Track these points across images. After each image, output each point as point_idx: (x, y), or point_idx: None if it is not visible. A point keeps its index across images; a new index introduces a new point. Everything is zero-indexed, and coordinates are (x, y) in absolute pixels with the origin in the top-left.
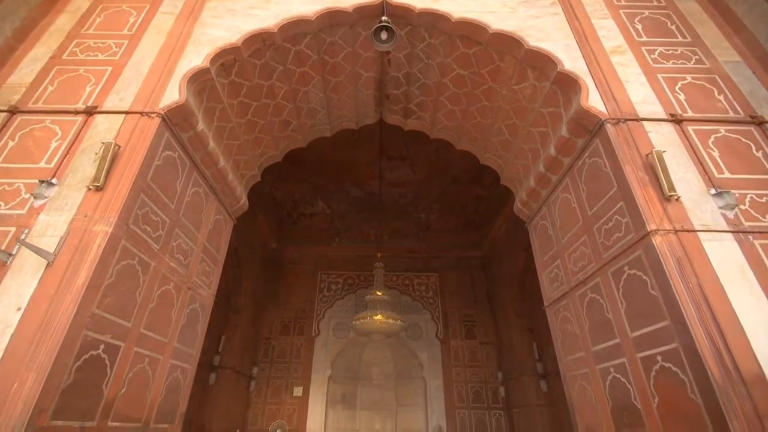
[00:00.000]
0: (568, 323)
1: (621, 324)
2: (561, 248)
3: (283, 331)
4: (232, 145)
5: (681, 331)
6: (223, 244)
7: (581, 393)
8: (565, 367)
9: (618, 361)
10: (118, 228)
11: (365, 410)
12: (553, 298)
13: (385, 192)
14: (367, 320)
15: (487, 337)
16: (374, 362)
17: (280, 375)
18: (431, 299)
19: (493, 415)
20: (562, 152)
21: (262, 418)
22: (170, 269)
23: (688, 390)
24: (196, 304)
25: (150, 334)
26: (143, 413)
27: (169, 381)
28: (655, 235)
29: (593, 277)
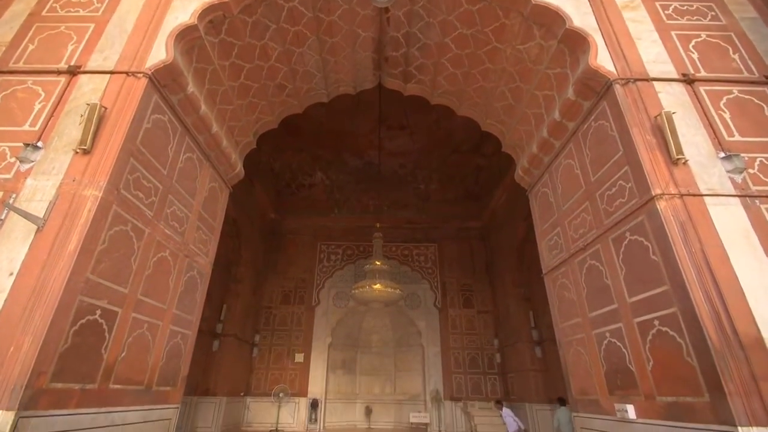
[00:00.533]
0: (565, 290)
1: (619, 290)
2: (561, 215)
3: (283, 301)
4: (226, 110)
5: (680, 296)
6: (220, 212)
7: (576, 357)
8: (561, 333)
9: (614, 326)
10: (109, 193)
11: (365, 375)
12: (551, 265)
13: (384, 162)
14: (366, 289)
15: (485, 306)
16: (374, 330)
17: (281, 342)
18: (430, 269)
19: (489, 380)
20: (567, 116)
21: (265, 383)
22: (165, 236)
23: (684, 353)
24: (194, 272)
25: (148, 300)
26: (145, 376)
27: (169, 346)
28: (659, 199)
29: (593, 243)
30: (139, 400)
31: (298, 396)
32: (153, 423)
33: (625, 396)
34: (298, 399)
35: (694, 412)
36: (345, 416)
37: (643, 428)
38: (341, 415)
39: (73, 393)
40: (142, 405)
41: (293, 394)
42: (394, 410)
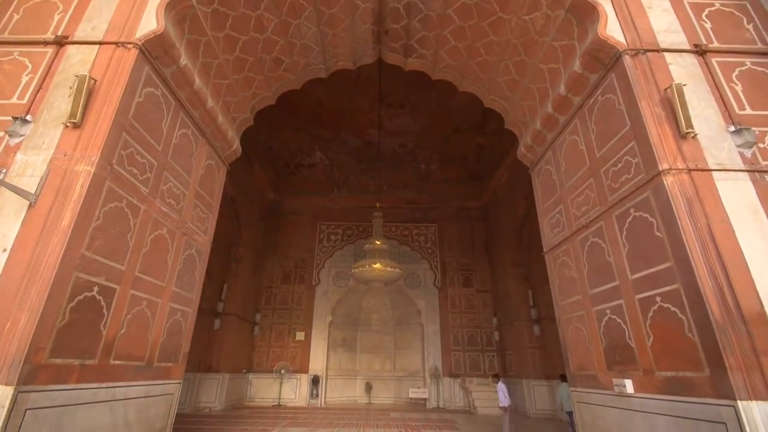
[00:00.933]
0: (566, 268)
1: (621, 267)
2: (564, 193)
3: (284, 280)
4: (221, 85)
5: (684, 272)
6: (217, 190)
7: (575, 334)
8: (561, 310)
9: (615, 303)
10: (102, 168)
11: (365, 353)
12: (552, 243)
13: (384, 141)
14: (366, 268)
15: (484, 286)
16: (374, 309)
17: (282, 321)
18: (430, 249)
19: (487, 356)
20: (573, 90)
21: (267, 360)
22: (162, 214)
23: (686, 329)
24: (192, 250)
25: (146, 277)
26: (145, 352)
27: (170, 323)
28: (666, 174)
29: (597, 220)
30: (140, 376)
31: (299, 372)
32: (155, 398)
33: (624, 371)
34: (299, 375)
35: (694, 386)
36: (346, 392)
37: (641, 402)
38: (342, 391)
39: (73, 368)
40: (144, 380)
41: (294, 371)
42: (394, 386)
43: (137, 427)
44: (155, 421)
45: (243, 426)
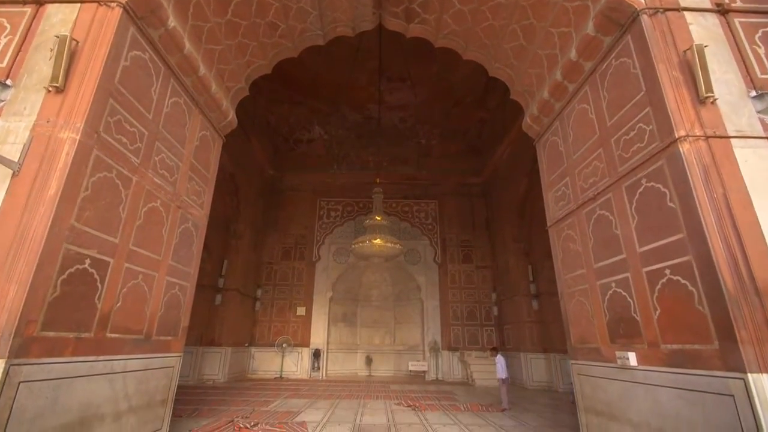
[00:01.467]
0: (570, 242)
1: (629, 239)
2: (571, 165)
3: (284, 257)
4: (213, 51)
5: (697, 243)
6: (213, 163)
7: (578, 307)
8: (564, 284)
9: (621, 276)
10: (87, 136)
11: (365, 327)
12: (557, 217)
13: (384, 116)
14: (366, 244)
15: (484, 262)
16: (374, 285)
17: (283, 296)
18: (430, 225)
19: (485, 331)
20: (585, 55)
21: (269, 334)
22: (155, 186)
23: (696, 301)
24: (188, 224)
25: (141, 251)
26: (143, 326)
27: (167, 297)
28: (683, 142)
29: (605, 192)
30: (139, 349)
31: (300, 346)
32: (155, 371)
33: (627, 344)
34: (300, 349)
35: (701, 359)
36: (346, 365)
37: (644, 374)
38: (343, 364)
39: (68, 341)
40: (143, 353)
41: (296, 345)
42: (394, 359)
43: (137, 399)
44: (156, 394)
45: (245, 397)
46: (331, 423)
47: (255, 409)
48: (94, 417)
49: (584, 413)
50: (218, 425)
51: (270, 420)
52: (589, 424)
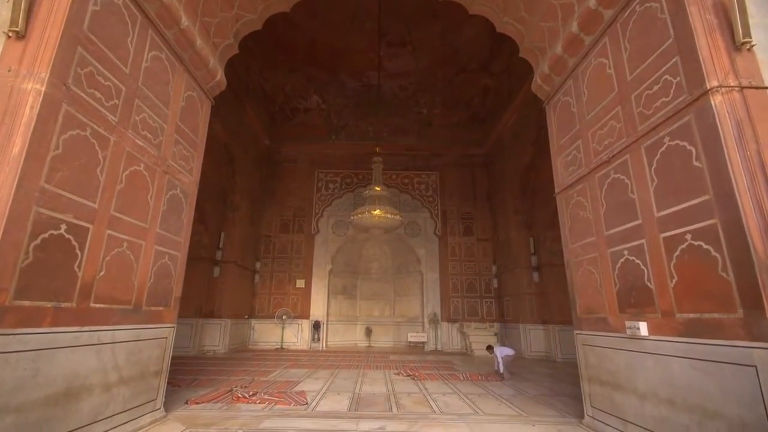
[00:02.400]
0: (580, 208)
1: (647, 204)
2: (585, 126)
3: (282, 229)
4: (196, 1)
5: (725, 206)
6: (202, 127)
7: (586, 277)
8: (571, 253)
9: (634, 243)
10: (55, 88)
11: (365, 300)
12: (566, 183)
13: (384, 84)
14: (366, 215)
15: (484, 234)
16: (374, 258)
17: (282, 269)
18: (431, 197)
19: (485, 303)
20: (605, 2)
21: (268, 306)
22: (137, 148)
23: (719, 268)
24: (176, 190)
25: (124, 217)
26: (131, 296)
27: (157, 267)
28: (715, 93)
29: (621, 154)
30: (128, 320)
31: (300, 318)
32: (147, 341)
33: (639, 314)
34: (300, 321)
35: (721, 328)
36: (346, 336)
37: (655, 345)
38: (343, 335)
39: (46, 311)
40: (133, 324)
41: (296, 317)
42: (393, 331)
43: (128, 370)
44: (149, 364)
45: (245, 367)
46: (331, 392)
47: (254, 378)
48: (82, 388)
49: (587, 383)
50: (216, 395)
51: (269, 389)
52: (593, 394)
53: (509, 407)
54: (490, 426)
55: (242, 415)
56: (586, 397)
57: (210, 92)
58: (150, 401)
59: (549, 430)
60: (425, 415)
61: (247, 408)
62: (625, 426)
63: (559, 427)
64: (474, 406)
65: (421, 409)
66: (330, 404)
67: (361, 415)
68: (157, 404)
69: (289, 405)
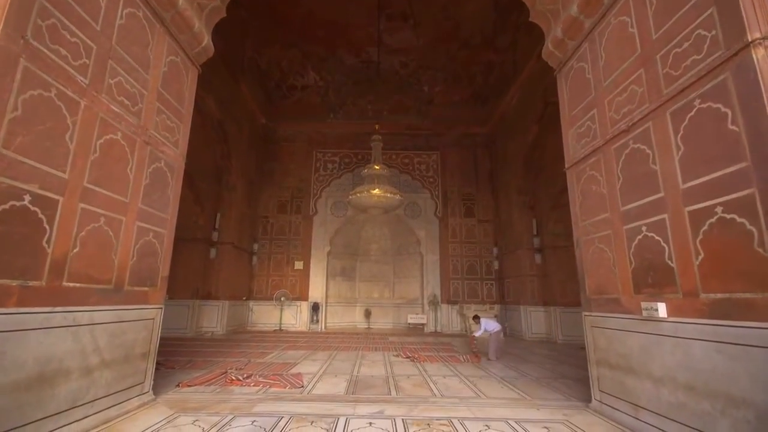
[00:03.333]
0: (593, 183)
1: (670, 175)
2: (601, 93)
3: (280, 210)
4: None
5: (765, 173)
6: (188, 97)
7: (597, 256)
8: (581, 231)
9: (655, 219)
10: (10, 40)
11: (364, 282)
12: (578, 157)
13: (384, 60)
14: (365, 194)
15: (486, 216)
16: (373, 239)
17: (280, 251)
18: (431, 178)
19: (485, 285)
20: None
21: (267, 288)
22: (113, 115)
23: (755, 242)
24: (160, 163)
25: (100, 190)
26: (112, 275)
27: (140, 245)
28: (757, 46)
29: (643, 122)
30: (108, 300)
31: (299, 300)
32: (132, 323)
33: (657, 294)
34: (299, 302)
35: (753, 309)
36: (345, 318)
37: (674, 327)
38: (342, 317)
39: (11, 290)
40: (114, 305)
41: (294, 299)
42: (393, 313)
43: (111, 353)
44: (134, 347)
45: (242, 349)
46: (328, 375)
47: (251, 360)
48: (58, 372)
49: (596, 366)
50: (210, 377)
51: (265, 372)
52: (601, 377)
53: (512, 390)
54: (493, 410)
55: (235, 399)
56: (594, 381)
57: (196, 59)
58: (137, 384)
59: (554, 414)
60: (425, 399)
61: (241, 391)
62: (636, 411)
63: (565, 411)
64: (475, 389)
65: (421, 392)
66: (327, 387)
67: (358, 398)
68: (145, 387)
69: (284, 388)
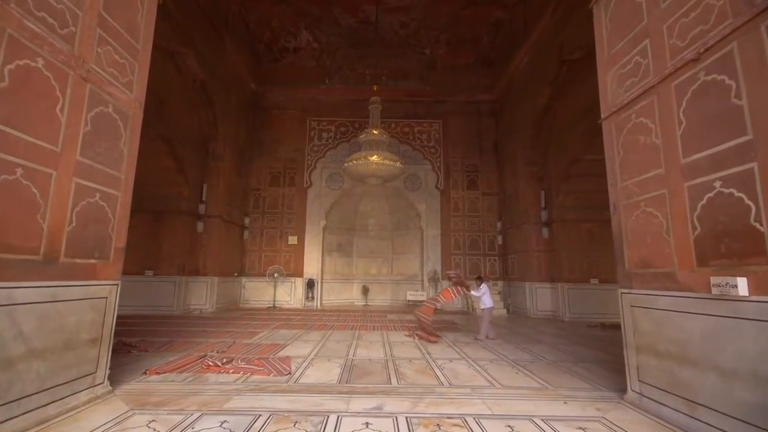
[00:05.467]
0: (641, 133)
1: (761, 111)
2: (658, 18)
3: (272, 182)
4: None
5: None
6: (145, 30)
7: (643, 222)
8: (621, 194)
9: (736, 170)
10: None
11: (361, 258)
12: (620, 103)
13: (382, 20)
14: (362, 162)
15: (490, 188)
16: (371, 214)
17: (273, 225)
18: (433, 148)
19: (488, 261)
20: None
21: (259, 264)
22: (30, 34)
23: None
24: (107, 108)
25: (11, 131)
26: (38, 243)
27: (81, 207)
28: None
29: (722, 44)
30: (35, 274)
31: (293, 276)
32: (73, 303)
33: (733, 266)
34: (294, 279)
35: None
36: (342, 294)
37: (757, 308)
38: (339, 294)
39: None
40: (45, 280)
41: (289, 275)
42: (391, 289)
43: (43, 340)
44: (79, 332)
45: (230, 328)
46: (320, 358)
47: (236, 341)
48: None
49: (636, 353)
50: (185, 362)
51: (249, 354)
52: (643, 366)
53: (528, 376)
54: (513, 404)
55: (208, 390)
56: (631, 369)
57: None
58: (86, 376)
59: (586, 409)
60: (431, 389)
61: (217, 379)
62: (693, 409)
63: (598, 406)
64: (487, 376)
65: (425, 380)
66: (317, 374)
67: (353, 388)
68: (98, 378)
69: (267, 375)
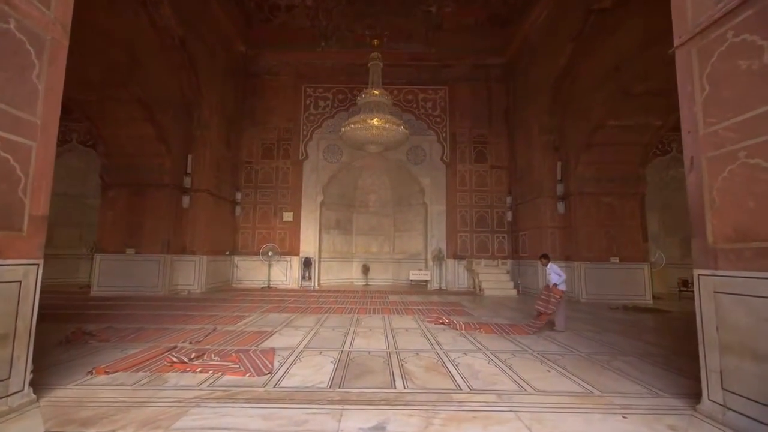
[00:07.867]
0: (742, 56)
1: None
2: None
3: (265, 155)
4: None
5: None
6: None
7: (741, 178)
8: (706, 144)
9: None
10: None
11: (361, 235)
12: (710, 19)
13: None
14: (360, 126)
15: (500, 161)
16: (371, 189)
17: (267, 200)
18: (438, 117)
19: (497, 238)
20: None
21: (253, 242)
22: None
23: None
24: (8, 25)
25: None
26: None
27: None
28: None
29: None
30: None
31: (289, 255)
32: None
33: None
34: (289, 258)
35: None
36: (341, 274)
37: None
38: (337, 273)
39: None
40: None
41: (284, 253)
42: (393, 268)
43: None
44: None
45: (216, 311)
46: (310, 350)
47: (217, 328)
48: None
49: (718, 352)
50: (147, 357)
51: (228, 346)
52: (730, 371)
53: (564, 376)
54: (556, 419)
55: (159, 399)
56: (710, 374)
57: None
58: None
59: (652, 426)
60: (447, 395)
61: (178, 382)
62: None
63: (668, 421)
64: (514, 376)
65: (438, 382)
66: (304, 373)
67: (347, 396)
68: (13, 386)
69: (243, 375)
